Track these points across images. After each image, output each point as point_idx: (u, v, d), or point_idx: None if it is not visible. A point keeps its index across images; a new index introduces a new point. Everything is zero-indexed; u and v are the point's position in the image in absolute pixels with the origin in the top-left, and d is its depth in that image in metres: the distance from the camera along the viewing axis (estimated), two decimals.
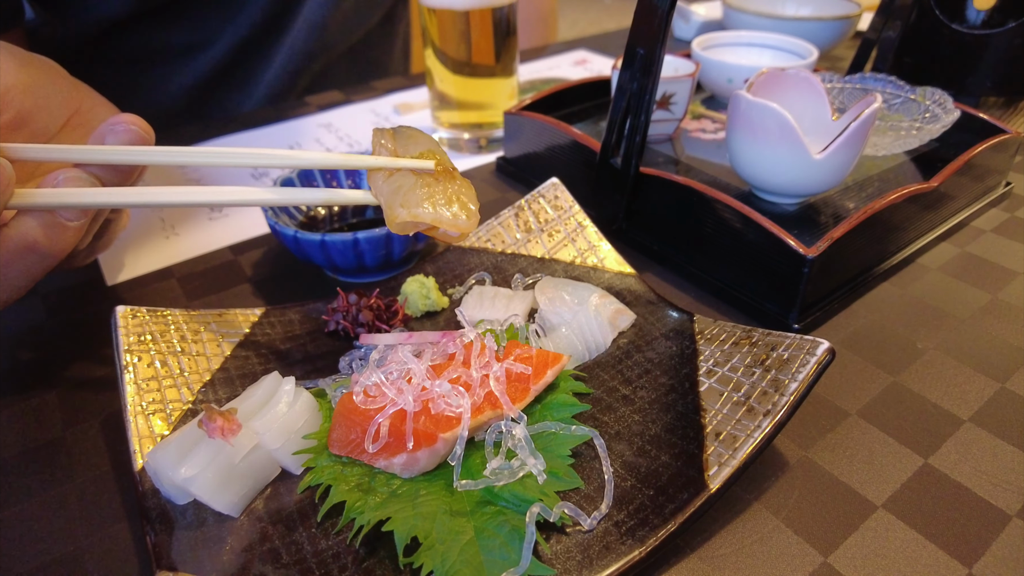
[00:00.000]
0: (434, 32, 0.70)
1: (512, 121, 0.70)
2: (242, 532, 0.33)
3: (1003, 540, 0.34)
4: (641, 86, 0.52)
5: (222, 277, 0.56)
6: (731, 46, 0.83)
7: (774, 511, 0.36)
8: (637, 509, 0.33)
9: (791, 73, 0.57)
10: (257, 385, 0.38)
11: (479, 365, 0.38)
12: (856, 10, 0.95)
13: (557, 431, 0.37)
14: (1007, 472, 0.37)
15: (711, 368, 0.40)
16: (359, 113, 0.89)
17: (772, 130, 0.50)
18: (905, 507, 0.36)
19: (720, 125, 0.72)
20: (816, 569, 0.33)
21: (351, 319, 0.46)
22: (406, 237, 0.50)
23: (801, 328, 0.47)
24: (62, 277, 0.56)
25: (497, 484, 0.33)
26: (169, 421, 0.38)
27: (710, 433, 0.36)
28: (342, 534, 0.33)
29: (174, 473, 0.33)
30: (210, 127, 0.85)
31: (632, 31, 0.52)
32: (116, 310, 0.41)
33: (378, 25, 1.04)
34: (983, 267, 0.55)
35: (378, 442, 0.34)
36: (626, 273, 0.51)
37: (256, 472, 0.35)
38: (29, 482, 0.38)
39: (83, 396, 0.44)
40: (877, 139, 0.61)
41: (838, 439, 0.40)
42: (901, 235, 0.55)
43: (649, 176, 0.55)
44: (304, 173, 0.59)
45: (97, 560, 0.34)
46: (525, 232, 0.54)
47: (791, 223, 0.54)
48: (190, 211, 0.67)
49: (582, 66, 1.06)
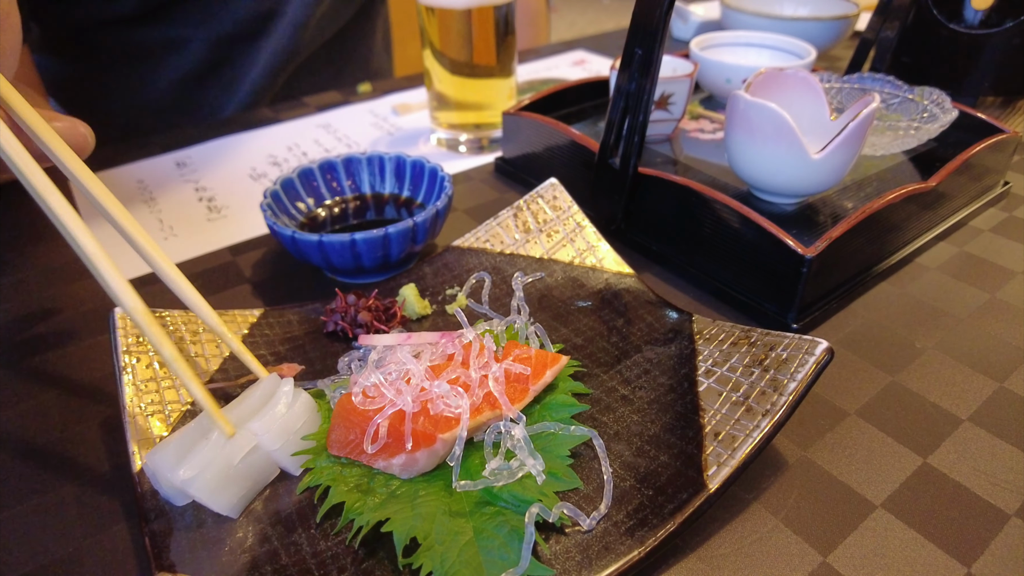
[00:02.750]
0: (433, 32, 0.70)
1: (511, 121, 0.70)
2: (241, 533, 0.33)
3: (1002, 539, 0.34)
4: (639, 86, 0.52)
5: (221, 278, 0.56)
6: (729, 46, 0.83)
7: (773, 511, 0.36)
8: (636, 509, 0.33)
9: (789, 73, 0.57)
10: (256, 386, 0.38)
11: (478, 366, 0.38)
12: (854, 10, 0.95)
13: (556, 431, 0.37)
14: (1006, 471, 0.37)
15: (710, 368, 0.40)
16: (358, 114, 0.89)
17: (770, 130, 0.50)
18: (904, 506, 0.36)
19: (719, 125, 0.72)
20: (815, 569, 0.33)
21: (350, 320, 0.46)
22: (404, 239, 0.50)
23: (800, 328, 0.47)
24: (60, 278, 0.56)
25: (496, 485, 0.33)
26: (168, 422, 0.38)
27: (709, 433, 0.36)
28: (341, 535, 0.33)
29: (172, 475, 0.33)
30: (209, 129, 0.85)
31: (630, 31, 0.52)
32: (115, 311, 0.41)
33: (353, 20, 1.04)
34: (981, 266, 0.55)
35: (377, 443, 0.34)
36: (625, 273, 0.51)
37: (255, 473, 0.35)
38: (27, 483, 0.38)
39: (82, 397, 0.44)
40: (875, 139, 0.61)
41: (837, 439, 0.40)
42: (899, 235, 0.55)
43: (648, 176, 0.55)
44: (304, 173, 0.59)
45: (96, 561, 0.34)
46: (524, 232, 0.54)
47: (790, 223, 0.54)
48: (188, 212, 0.67)
49: (580, 66, 1.06)
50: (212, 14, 0.88)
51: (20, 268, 0.58)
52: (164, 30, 0.88)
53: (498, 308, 0.48)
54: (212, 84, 0.94)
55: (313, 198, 0.59)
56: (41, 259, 0.59)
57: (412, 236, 0.50)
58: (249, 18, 0.89)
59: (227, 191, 0.71)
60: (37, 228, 0.64)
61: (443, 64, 0.72)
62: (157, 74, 0.91)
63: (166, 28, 0.88)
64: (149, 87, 0.92)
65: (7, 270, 0.58)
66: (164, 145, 0.81)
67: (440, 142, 0.79)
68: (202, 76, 0.93)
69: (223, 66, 0.93)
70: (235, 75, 0.94)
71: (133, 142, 0.81)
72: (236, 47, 0.92)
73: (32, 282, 0.56)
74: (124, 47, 0.89)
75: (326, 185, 0.60)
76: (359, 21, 1.06)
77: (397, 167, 0.61)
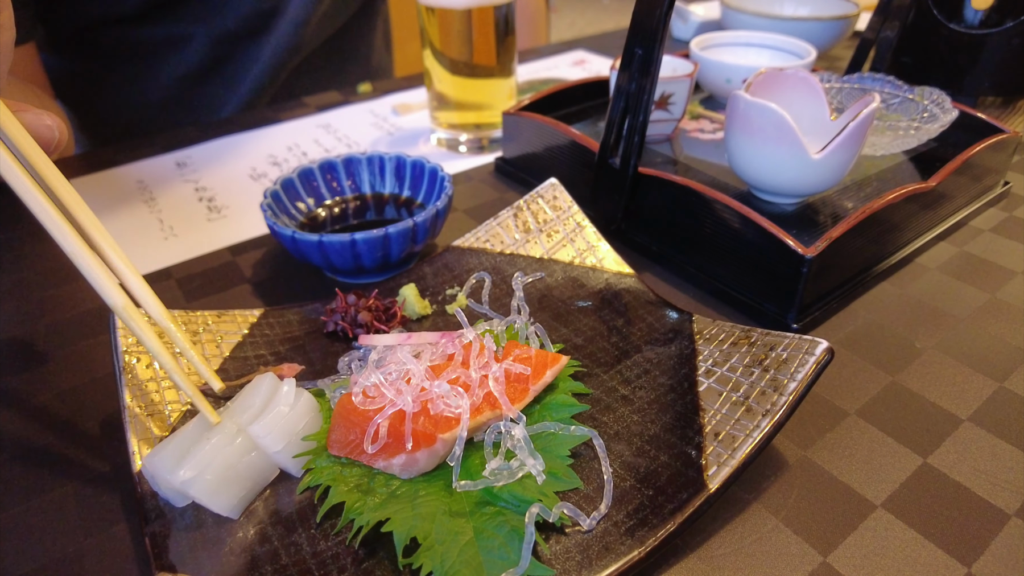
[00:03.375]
0: (433, 32, 0.70)
1: (511, 121, 0.70)
2: (241, 533, 0.33)
3: (1002, 539, 0.34)
4: (639, 86, 0.52)
5: (221, 278, 0.56)
6: (729, 46, 0.83)
7: (773, 511, 0.36)
8: (636, 509, 0.33)
9: (789, 73, 0.57)
10: (255, 385, 0.38)
11: (478, 366, 0.38)
12: (854, 10, 0.95)
13: (556, 431, 0.37)
14: (1006, 471, 0.37)
15: (710, 368, 0.40)
16: (358, 114, 0.89)
17: (770, 130, 0.50)
18: (904, 506, 0.36)
19: (719, 125, 0.72)
20: (815, 568, 0.33)
21: (350, 320, 0.46)
22: (404, 239, 0.50)
23: (800, 328, 0.47)
24: (60, 278, 0.56)
25: (496, 485, 0.33)
26: (168, 423, 0.38)
27: (709, 433, 0.36)
28: (341, 535, 0.33)
29: (172, 476, 0.33)
30: (209, 129, 0.85)
31: (630, 31, 0.52)
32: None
33: (354, 18, 1.04)
34: (982, 266, 0.55)
35: (377, 443, 0.34)
36: (625, 273, 0.51)
37: (255, 474, 0.35)
38: (27, 483, 0.38)
39: (82, 398, 0.44)
40: (875, 139, 0.61)
41: (837, 439, 0.40)
42: (899, 235, 0.55)
43: (648, 176, 0.55)
44: (304, 173, 0.59)
45: (96, 562, 0.34)
46: (524, 232, 0.54)
47: (790, 223, 0.54)
48: (189, 212, 0.67)
49: (580, 66, 1.06)
50: (214, 11, 0.88)
51: (20, 268, 0.58)
52: (166, 27, 0.88)
53: (498, 308, 0.48)
54: (214, 81, 0.94)
55: (313, 198, 0.59)
56: (41, 259, 0.59)
57: (412, 236, 0.50)
58: (251, 15, 0.89)
59: (227, 191, 0.71)
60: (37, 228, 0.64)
61: (443, 64, 0.72)
62: (159, 71, 0.91)
63: (168, 25, 0.88)
64: (151, 84, 0.92)
65: (7, 270, 0.58)
66: (164, 145, 0.81)
67: (440, 142, 0.79)
68: (204, 73, 0.93)
69: (225, 63, 0.93)
70: (237, 72, 0.94)
71: (133, 142, 0.81)
72: (238, 44, 0.92)
73: (32, 282, 0.56)
74: (127, 45, 0.89)
75: (326, 185, 0.60)
76: (360, 19, 1.06)
77: (397, 167, 0.61)
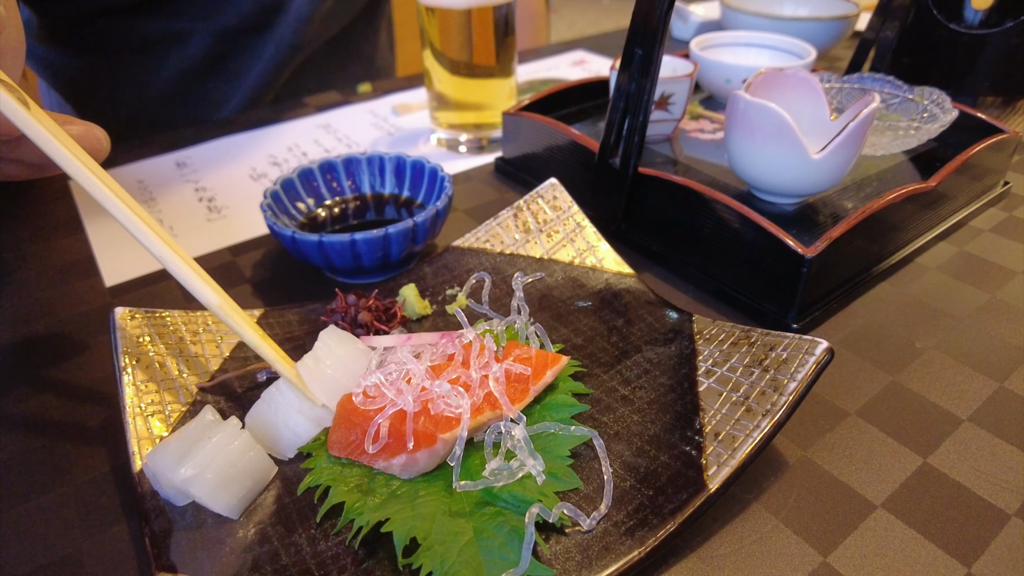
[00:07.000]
0: (433, 32, 0.70)
1: (510, 122, 0.70)
2: (241, 533, 0.33)
3: (1002, 539, 0.34)
4: (639, 86, 0.52)
5: (221, 278, 0.56)
6: (729, 46, 0.83)
7: (773, 511, 0.36)
8: (636, 509, 0.33)
9: (789, 73, 0.57)
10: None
11: (478, 366, 0.38)
12: (854, 10, 0.95)
13: (556, 432, 0.37)
14: (1006, 471, 0.37)
15: (710, 368, 0.40)
16: (358, 114, 0.89)
17: (770, 130, 0.50)
18: (904, 506, 0.36)
19: (718, 125, 0.72)
20: (815, 569, 0.33)
21: (350, 320, 0.46)
22: (404, 239, 0.50)
23: (800, 328, 0.47)
24: (60, 278, 0.56)
25: (496, 485, 0.33)
26: (168, 422, 0.38)
27: (709, 433, 0.36)
28: (341, 535, 0.33)
29: (173, 474, 0.33)
30: (209, 129, 0.85)
31: (630, 31, 0.52)
32: (114, 311, 0.41)
33: (358, 17, 1.04)
34: (981, 266, 0.55)
35: (378, 443, 0.34)
36: (625, 273, 0.51)
37: (255, 473, 0.35)
38: (28, 484, 0.38)
39: (81, 397, 0.44)
40: (875, 139, 0.61)
41: (837, 439, 0.40)
42: (899, 235, 0.55)
43: (648, 176, 0.55)
44: (304, 173, 0.59)
45: (96, 562, 0.34)
46: (524, 233, 0.54)
47: (790, 223, 0.54)
48: (188, 212, 0.67)
49: (580, 67, 1.06)
50: (216, 7, 0.88)
51: (20, 268, 0.58)
52: (167, 22, 0.88)
53: (498, 308, 0.48)
54: (215, 77, 0.94)
55: (313, 198, 0.59)
56: (41, 259, 0.59)
57: (412, 236, 0.50)
58: (253, 12, 0.89)
59: (227, 191, 0.71)
60: (37, 228, 0.64)
61: (443, 64, 0.72)
62: (160, 66, 0.91)
63: (169, 20, 0.88)
64: (152, 79, 0.92)
65: (7, 270, 0.58)
66: (164, 145, 0.81)
67: (440, 142, 0.79)
68: (205, 69, 0.93)
69: (226, 59, 0.93)
70: (238, 69, 0.94)
71: (133, 142, 0.81)
72: (239, 40, 0.92)
73: (32, 282, 0.56)
74: (127, 39, 0.88)
75: (326, 185, 0.60)
76: (365, 19, 1.06)
77: (397, 167, 0.61)
